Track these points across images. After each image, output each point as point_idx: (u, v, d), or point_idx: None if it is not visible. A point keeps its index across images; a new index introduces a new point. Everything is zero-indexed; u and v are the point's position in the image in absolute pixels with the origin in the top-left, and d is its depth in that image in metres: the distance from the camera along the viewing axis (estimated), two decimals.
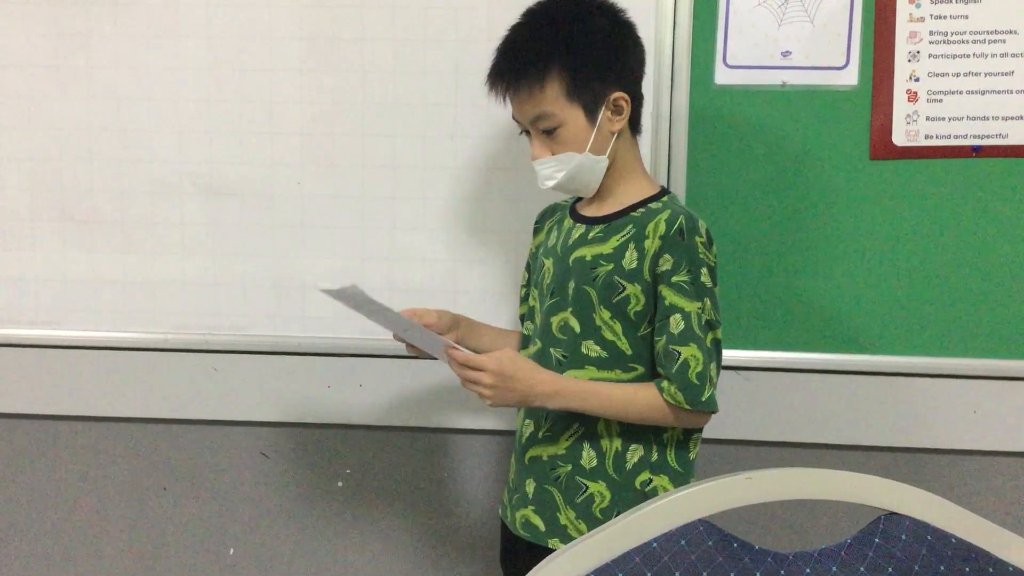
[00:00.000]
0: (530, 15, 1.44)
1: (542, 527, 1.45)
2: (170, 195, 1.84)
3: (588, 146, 1.40)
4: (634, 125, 1.47)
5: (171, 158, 1.83)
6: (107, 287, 1.86)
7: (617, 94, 1.40)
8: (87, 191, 1.85)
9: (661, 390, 1.35)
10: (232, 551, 1.98)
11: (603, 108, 1.39)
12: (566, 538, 1.40)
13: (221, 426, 1.93)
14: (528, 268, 1.63)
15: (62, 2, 1.80)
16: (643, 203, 1.43)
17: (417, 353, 1.50)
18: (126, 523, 1.98)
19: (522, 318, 1.62)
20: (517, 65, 1.40)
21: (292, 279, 1.85)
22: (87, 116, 1.83)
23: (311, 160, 1.82)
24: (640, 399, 1.37)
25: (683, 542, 0.83)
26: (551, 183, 1.43)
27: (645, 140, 1.52)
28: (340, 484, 1.95)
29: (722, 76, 1.75)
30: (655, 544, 0.82)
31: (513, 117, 1.46)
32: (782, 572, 0.84)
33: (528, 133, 1.45)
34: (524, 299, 1.63)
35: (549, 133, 1.40)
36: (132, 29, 1.80)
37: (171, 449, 1.95)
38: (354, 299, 1.33)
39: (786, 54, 1.73)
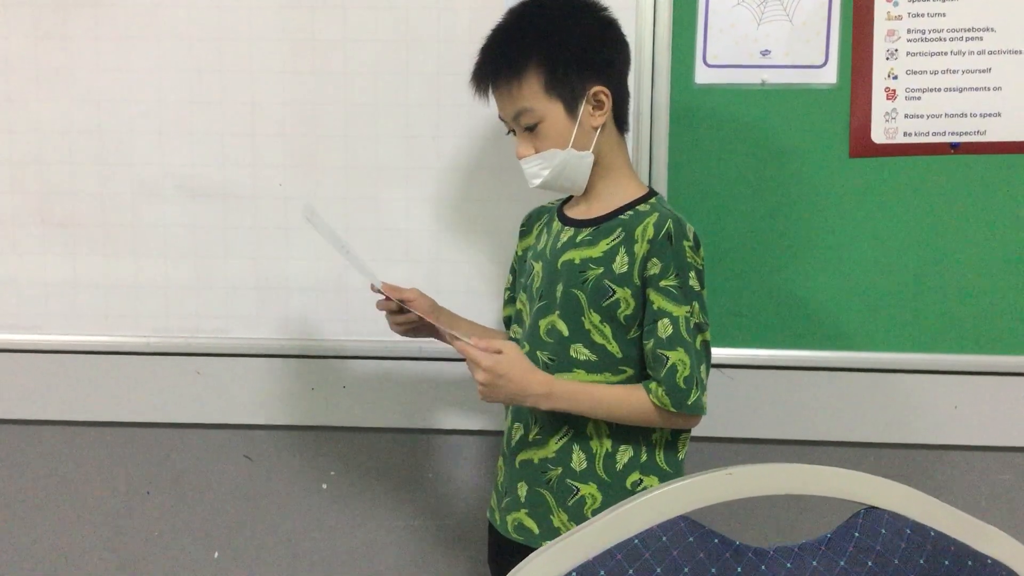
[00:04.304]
0: (510, 14, 1.45)
1: (536, 530, 1.45)
2: (151, 197, 1.83)
3: (571, 142, 1.40)
4: (620, 122, 1.47)
5: (152, 160, 1.82)
6: (88, 290, 1.85)
7: (597, 88, 1.40)
8: (67, 194, 1.83)
9: (649, 391, 1.36)
10: (217, 555, 1.97)
11: (583, 102, 1.39)
12: None
13: (204, 429, 1.92)
14: (513, 271, 1.63)
15: (41, 3, 1.78)
16: (631, 205, 1.43)
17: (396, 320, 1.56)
18: (110, 528, 1.97)
19: (507, 321, 1.62)
20: (496, 62, 1.42)
21: (274, 281, 1.84)
22: (67, 118, 1.81)
23: (293, 162, 1.81)
24: (629, 401, 1.37)
25: (664, 538, 0.83)
26: (537, 181, 1.43)
27: (627, 139, 1.53)
28: (325, 486, 1.94)
29: (702, 75, 1.75)
30: (636, 541, 0.83)
31: (499, 117, 1.46)
32: (763, 567, 0.85)
33: (514, 133, 1.45)
34: (509, 302, 1.63)
35: (531, 129, 1.41)
36: (112, 31, 1.79)
37: (154, 453, 1.94)
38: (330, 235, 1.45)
39: (765, 53, 1.74)
